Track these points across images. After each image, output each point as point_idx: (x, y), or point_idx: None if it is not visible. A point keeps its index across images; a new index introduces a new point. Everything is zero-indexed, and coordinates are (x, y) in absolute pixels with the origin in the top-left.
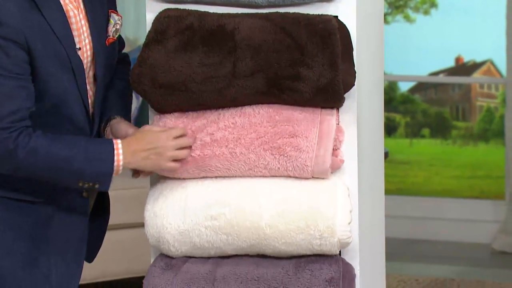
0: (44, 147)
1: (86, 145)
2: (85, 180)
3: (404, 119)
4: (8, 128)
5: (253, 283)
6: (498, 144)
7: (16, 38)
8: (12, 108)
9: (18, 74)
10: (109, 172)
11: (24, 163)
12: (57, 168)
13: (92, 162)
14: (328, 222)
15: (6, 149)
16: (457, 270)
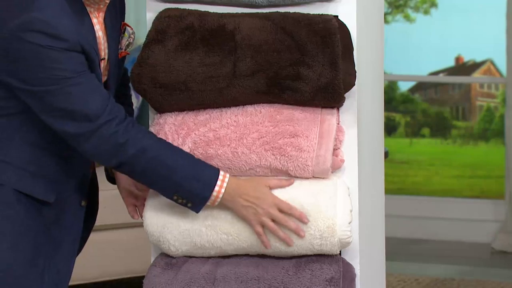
0: (154, 149)
1: (194, 162)
2: (180, 195)
3: (404, 118)
4: (113, 120)
5: (253, 282)
6: (498, 144)
7: (76, 49)
8: (100, 98)
9: (83, 71)
10: (205, 196)
11: (131, 160)
12: (160, 174)
13: (194, 180)
14: (329, 222)
15: (116, 144)
16: (457, 270)
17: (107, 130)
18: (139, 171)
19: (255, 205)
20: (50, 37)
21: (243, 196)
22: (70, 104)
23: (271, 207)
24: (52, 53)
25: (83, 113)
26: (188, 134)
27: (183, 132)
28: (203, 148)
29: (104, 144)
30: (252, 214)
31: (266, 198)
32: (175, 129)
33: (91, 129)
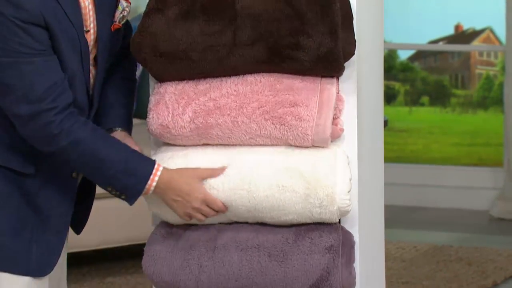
0: (87, 142)
1: (127, 156)
2: (115, 188)
3: (404, 87)
4: (52, 109)
5: (253, 250)
6: (497, 112)
7: (36, 21)
8: (48, 84)
9: (42, 50)
10: (138, 190)
11: (63, 150)
12: (93, 167)
13: (126, 175)
14: (328, 191)
15: (49, 134)
16: (455, 237)
17: (44, 118)
18: (74, 161)
19: (185, 200)
20: (13, 6)
21: (174, 190)
22: (16, 82)
23: (200, 204)
24: (10, 23)
25: (25, 94)
26: (188, 103)
27: (183, 102)
28: (203, 118)
29: (38, 131)
30: (181, 208)
31: (196, 195)
32: (175, 98)
33: (29, 113)
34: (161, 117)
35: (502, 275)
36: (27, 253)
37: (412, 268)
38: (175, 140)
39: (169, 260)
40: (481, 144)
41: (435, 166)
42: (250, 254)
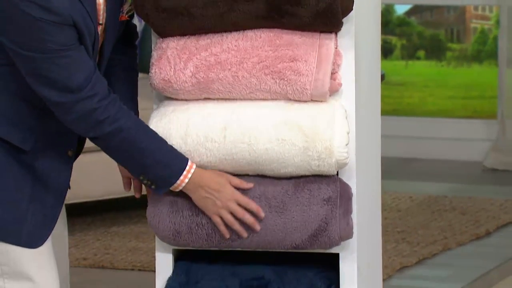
0: (131, 130)
1: (166, 149)
2: (147, 177)
3: (400, 41)
4: (93, 96)
5: (255, 200)
6: (492, 65)
7: (68, 22)
8: (85, 73)
9: (73, 44)
10: (171, 182)
11: (105, 137)
12: (131, 154)
13: (162, 166)
14: (326, 144)
15: (95, 120)
16: (449, 187)
17: (88, 105)
18: (113, 148)
19: (214, 197)
20: (44, 9)
21: (205, 187)
22: (55, 74)
23: (229, 201)
24: (44, 25)
25: (65, 84)
26: (189, 58)
27: (185, 57)
28: (204, 72)
29: (83, 118)
30: (210, 205)
31: (226, 192)
32: (177, 53)
33: (72, 101)
34: (163, 72)
35: (494, 224)
36: (20, 224)
37: (407, 218)
38: (177, 94)
39: (172, 212)
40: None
41: (430, 119)
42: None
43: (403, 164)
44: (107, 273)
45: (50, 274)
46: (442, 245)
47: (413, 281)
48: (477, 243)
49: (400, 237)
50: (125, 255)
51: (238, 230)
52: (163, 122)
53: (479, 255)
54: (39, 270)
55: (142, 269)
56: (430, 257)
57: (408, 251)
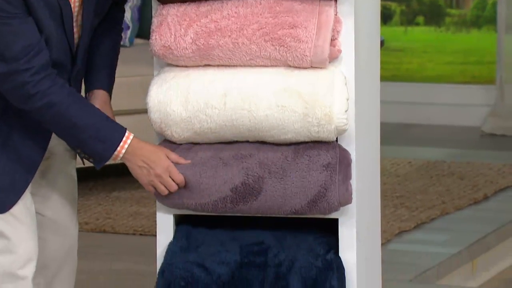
0: (62, 105)
1: (100, 122)
2: (84, 151)
3: (400, 7)
4: (28, 69)
5: (254, 166)
6: (490, 31)
7: None
8: (23, 44)
9: (17, 13)
10: (106, 157)
11: (38, 111)
12: (65, 129)
13: (96, 140)
14: (326, 110)
15: (26, 93)
16: (448, 152)
17: (20, 78)
18: (47, 122)
19: (149, 167)
20: None
21: (141, 157)
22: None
23: (163, 172)
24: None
25: (1, 53)
26: (190, 25)
27: (185, 23)
28: (204, 39)
29: (15, 90)
30: (145, 175)
31: (161, 163)
32: (177, 20)
33: (5, 71)
34: (163, 39)
35: (492, 188)
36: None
37: (406, 183)
38: (177, 61)
39: None
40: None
41: (429, 84)
42: (251, 169)
43: (402, 130)
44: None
45: (26, 233)
46: (440, 209)
47: (411, 245)
48: (475, 208)
49: (398, 202)
50: (126, 220)
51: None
52: (164, 88)
53: (477, 219)
54: (14, 230)
55: (143, 233)
56: (428, 221)
57: (407, 216)
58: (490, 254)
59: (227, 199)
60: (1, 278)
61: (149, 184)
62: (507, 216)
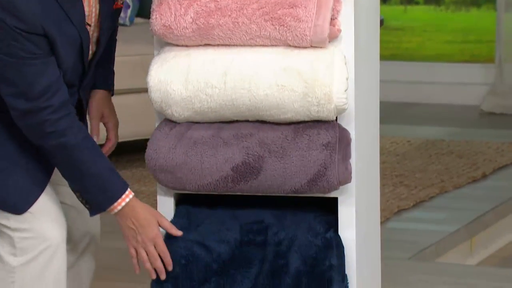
0: (74, 149)
1: (105, 174)
2: (81, 196)
3: None
4: (47, 107)
5: (254, 146)
6: (490, 9)
7: (36, 31)
8: (45, 84)
9: (41, 54)
10: (102, 208)
11: (51, 148)
12: (71, 172)
13: (98, 191)
14: (326, 90)
15: (42, 131)
16: (447, 131)
17: (39, 116)
18: (56, 159)
19: (137, 232)
20: (15, 17)
21: (132, 219)
22: (16, 79)
23: (149, 241)
24: (14, 33)
25: (23, 91)
26: (190, 4)
27: (185, 3)
28: (204, 18)
29: (32, 126)
30: (131, 237)
31: (150, 231)
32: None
33: (25, 109)
34: (164, 18)
35: (491, 166)
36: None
37: (405, 162)
38: (177, 40)
39: (172, 155)
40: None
41: (428, 63)
42: (251, 149)
43: (401, 109)
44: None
45: (50, 223)
46: (439, 188)
47: (410, 223)
48: (473, 186)
49: (397, 181)
50: None
51: (148, 269)
52: (164, 68)
53: (475, 197)
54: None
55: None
56: (427, 200)
57: (406, 194)
58: (488, 232)
59: (228, 179)
60: (40, 269)
61: (132, 247)
62: (506, 194)
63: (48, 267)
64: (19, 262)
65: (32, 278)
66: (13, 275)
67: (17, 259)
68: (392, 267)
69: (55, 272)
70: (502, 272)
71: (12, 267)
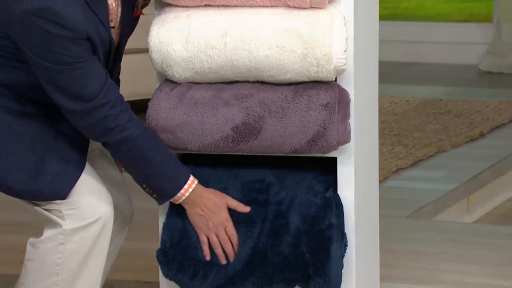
0: (138, 140)
1: (170, 162)
2: (150, 186)
3: None
4: (105, 104)
5: (254, 106)
6: None
7: (82, 37)
8: (97, 83)
9: (87, 55)
10: (171, 194)
11: (115, 144)
12: (137, 163)
13: (166, 178)
14: (325, 50)
15: (105, 127)
16: (445, 91)
17: (100, 112)
18: (120, 155)
19: (208, 217)
20: (59, 26)
21: (201, 205)
22: (68, 85)
23: (220, 225)
24: (59, 40)
25: (79, 94)
26: None
27: None
28: None
29: (94, 125)
30: (202, 224)
31: (219, 215)
32: None
33: (84, 109)
34: None
35: (488, 125)
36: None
37: (403, 121)
38: (177, 0)
39: (173, 115)
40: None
41: (427, 23)
42: (251, 109)
43: (400, 68)
44: None
45: (98, 202)
46: (437, 147)
47: (408, 182)
48: (471, 145)
49: (396, 140)
50: None
51: (219, 254)
52: (165, 28)
53: (473, 156)
54: (88, 202)
55: None
56: (425, 159)
57: (404, 154)
58: (485, 190)
59: (228, 139)
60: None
61: (204, 234)
62: (503, 153)
63: (97, 241)
64: (72, 230)
65: (83, 250)
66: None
67: (69, 229)
68: (390, 225)
69: (103, 246)
70: (499, 230)
71: (65, 235)
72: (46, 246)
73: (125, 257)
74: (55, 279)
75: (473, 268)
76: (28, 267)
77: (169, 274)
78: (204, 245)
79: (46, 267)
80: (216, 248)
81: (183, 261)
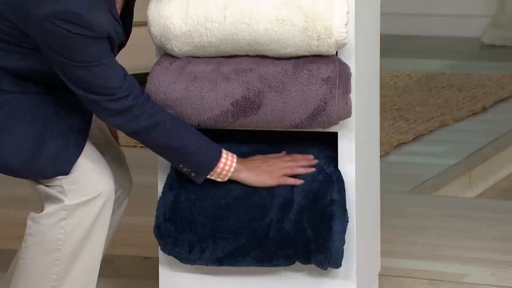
0: (166, 123)
1: (201, 139)
2: (187, 164)
3: None
4: (129, 95)
5: (254, 79)
6: None
7: (104, 36)
8: (119, 75)
9: (107, 54)
10: (209, 168)
11: (143, 130)
12: (168, 146)
13: (200, 153)
14: (326, 24)
15: (132, 115)
16: (447, 64)
17: (125, 103)
18: (150, 141)
19: (265, 164)
20: (83, 28)
21: (248, 163)
22: (92, 80)
23: (278, 160)
24: (81, 39)
25: (103, 87)
26: None
27: None
28: None
29: (119, 114)
30: (265, 173)
31: (269, 157)
32: None
33: (109, 100)
34: None
35: (491, 99)
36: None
37: (405, 95)
38: None
39: (172, 90)
40: None
41: None
42: (251, 84)
43: (401, 42)
44: None
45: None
46: (438, 121)
47: (409, 157)
48: (473, 119)
49: (397, 114)
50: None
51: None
52: (163, 2)
53: (475, 130)
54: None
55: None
56: (426, 133)
57: (406, 128)
58: (487, 165)
59: (228, 113)
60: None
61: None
62: (505, 127)
63: (99, 216)
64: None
65: (85, 225)
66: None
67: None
68: (391, 200)
69: (105, 221)
70: (500, 204)
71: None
72: (47, 221)
73: (125, 232)
74: (56, 254)
75: (475, 243)
76: (29, 242)
77: (166, 248)
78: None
79: (47, 242)
80: (295, 170)
81: (177, 236)
